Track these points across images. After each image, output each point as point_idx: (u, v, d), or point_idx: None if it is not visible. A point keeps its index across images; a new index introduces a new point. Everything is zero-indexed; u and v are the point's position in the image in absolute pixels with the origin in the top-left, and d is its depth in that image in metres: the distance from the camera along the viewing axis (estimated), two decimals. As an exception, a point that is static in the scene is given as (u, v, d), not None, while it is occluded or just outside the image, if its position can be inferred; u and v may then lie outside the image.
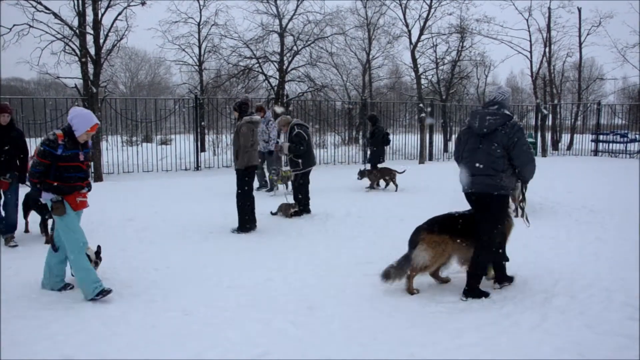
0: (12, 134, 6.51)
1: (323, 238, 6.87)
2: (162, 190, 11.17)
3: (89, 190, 4.81)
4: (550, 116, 23.39)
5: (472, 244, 4.59)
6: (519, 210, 6.67)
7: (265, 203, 8.90)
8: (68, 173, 4.56)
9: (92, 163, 14.39)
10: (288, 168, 9.67)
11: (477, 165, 4.44)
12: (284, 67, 16.91)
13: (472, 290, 4.50)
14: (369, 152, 12.80)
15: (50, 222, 6.52)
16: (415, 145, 19.02)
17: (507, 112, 4.43)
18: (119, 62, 35.89)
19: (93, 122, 4.57)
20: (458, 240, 4.64)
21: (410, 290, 4.64)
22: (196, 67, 21.37)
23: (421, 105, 19.10)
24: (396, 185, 10.83)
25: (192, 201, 9.46)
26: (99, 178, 13.21)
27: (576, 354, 3.47)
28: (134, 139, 20.27)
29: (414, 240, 4.70)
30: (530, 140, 20.72)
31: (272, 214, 8.36)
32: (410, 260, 4.58)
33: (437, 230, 4.65)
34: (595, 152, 20.21)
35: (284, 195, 8.99)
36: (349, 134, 22.86)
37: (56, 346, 3.62)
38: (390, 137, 12.41)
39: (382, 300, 4.50)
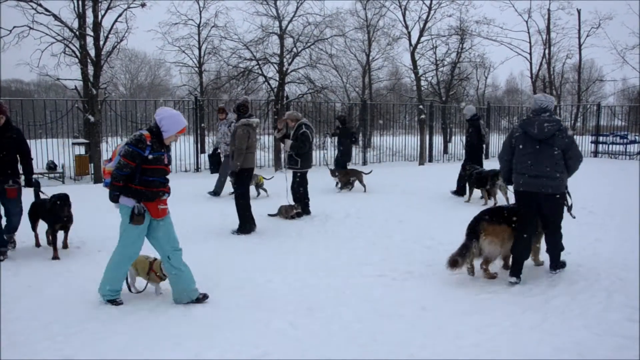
0: (7, 135, 5.90)
1: (322, 239, 6.87)
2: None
3: (169, 196, 4.48)
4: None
5: (518, 235, 5.02)
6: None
7: (264, 205, 8.90)
8: (152, 177, 4.25)
9: (91, 164, 14.42)
10: (261, 175, 9.61)
11: (546, 168, 4.87)
12: (284, 69, 16.92)
13: (559, 264, 5.23)
14: (337, 153, 12.84)
15: (60, 234, 6.14)
16: (415, 146, 19.03)
17: (558, 118, 4.92)
18: (119, 64, 35.90)
19: (183, 124, 4.35)
20: (513, 231, 5.04)
21: (492, 276, 5.08)
22: (196, 69, 21.41)
23: (421, 106, 19.11)
24: (364, 186, 10.79)
25: (192, 202, 9.46)
26: (98, 180, 13.21)
27: (576, 354, 3.48)
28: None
29: (475, 231, 5.04)
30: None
31: (270, 215, 8.35)
32: (469, 249, 4.97)
33: (498, 221, 5.06)
34: (595, 153, 20.22)
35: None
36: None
37: (56, 346, 3.62)
38: (359, 137, 12.45)
39: (382, 302, 4.50)
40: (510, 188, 5.45)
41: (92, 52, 14.15)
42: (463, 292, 4.72)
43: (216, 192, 10.33)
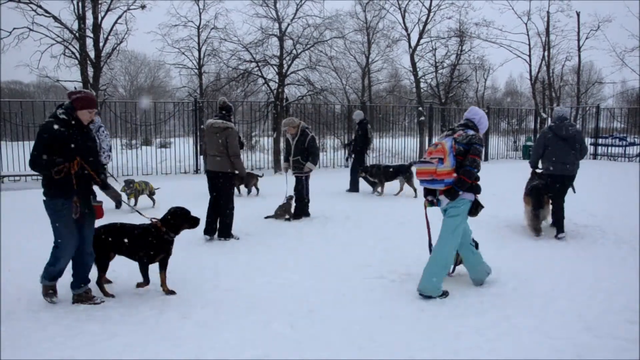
0: (92, 137, 4.59)
1: (322, 241, 6.86)
2: (161, 193, 11.16)
3: None
4: (549, 120, 23.40)
5: (557, 202, 7.04)
6: None
7: (260, 207, 8.90)
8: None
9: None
10: (142, 180, 9.26)
11: (570, 158, 6.90)
12: (284, 71, 16.93)
13: (563, 226, 6.94)
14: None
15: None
16: (414, 148, 19.04)
17: (574, 123, 6.87)
18: (119, 66, 35.92)
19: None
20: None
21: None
22: (196, 71, 21.39)
23: (420, 108, 19.12)
24: (257, 190, 10.80)
25: (191, 204, 9.41)
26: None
27: (575, 357, 3.48)
28: (134, 142, 20.27)
29: (540, 201, 7.08)
30: (529, 143, 20.81)
31: (267, 217, 8.34)
32: (539, 217, 7.06)
33: (546, 195, 7.16)
34: (594, 155, 20.24)
35: (132, 211, 7.39)
36: (348, 137, 22.85)
37: (56, 348, 3.61)
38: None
39: (381, 304, 4.50)
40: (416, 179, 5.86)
41: (92, 54, 14.19)
42: (462, 293, 4.71)
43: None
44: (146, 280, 4.71)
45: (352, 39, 24.58)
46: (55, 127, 4.18)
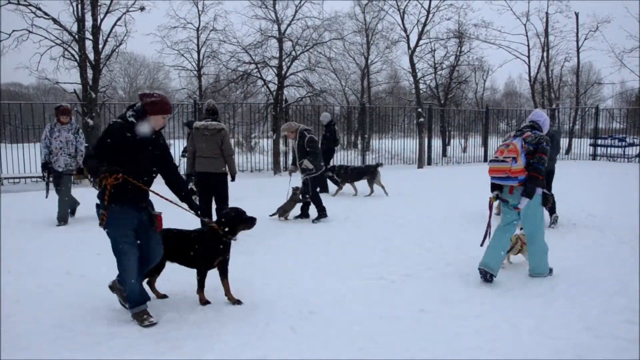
0: (160, 144, 4.21)
1: (322, 242, 6.86)
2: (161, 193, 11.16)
3: None
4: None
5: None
6: None
7: (260, 207, 8.90)
8: None
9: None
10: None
11: (552, 154, 7.37)
12: (283, 72, 16.95)
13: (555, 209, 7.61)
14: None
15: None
16: (413, 149, 19.06)
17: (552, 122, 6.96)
18: (118, 67, 35.96)
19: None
20: None
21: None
22: (195, 72, 21.42)
23: (419, 109, 19.14)
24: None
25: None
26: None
27: (575, 357, 3.47)
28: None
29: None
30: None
31: (271, 215, 8.36)
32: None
33: None
34: (594, 156, 20.26)
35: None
36: (347, 138, 22.89)
37: (56, 349, 3.60)
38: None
39: (381, 304, 4.50)
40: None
41: (91, 56, 14.19)
42: (462, 294, 4.71)
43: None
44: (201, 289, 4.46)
45: (351, 41, 24.67)
46: (123, 131, 3.85)
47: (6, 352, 3.56)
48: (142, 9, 15.13)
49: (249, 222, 4.55)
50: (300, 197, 8.35)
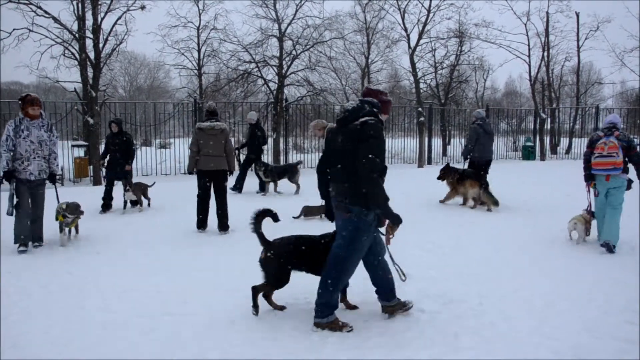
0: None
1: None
2: (161, 194, 11.17)
3: None
4: (549, 120, 23.44)
5: None
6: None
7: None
8: None
9: (91, 167, 14.41)
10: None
11: (492, 147, 9.89)
12: (283, 72, 16.94)
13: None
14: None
15: None
16: (414, 149, 19.04)
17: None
18: (119, 66, 35.93)
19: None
20: None
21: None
22: (195, 71, 21.38)
23: (420, 109, 19.14)
24: (148, 199, 9.29)
25: (191, 205, 9.44)
26: (97, 182, 13.21)
27: (575, 358, 3.48)
28: (133, 142, 20.25)
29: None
30: (528, 144, 20.82)
31: (295, 217, 8.33)
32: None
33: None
34: (594, 156, 20.23)
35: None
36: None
37: (56, 349, 3.61)
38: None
39: (379, 304, 4.49)
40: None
41: (92, 55, 14.17)
42: (462, 294, 4.71)
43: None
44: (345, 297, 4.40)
45: (351, 40, 24.63)
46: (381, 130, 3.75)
47: (6, 352, 3.57)
48: (142, 7, 15.12)
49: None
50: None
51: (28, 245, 6.38)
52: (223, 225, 7.42)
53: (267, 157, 17.28)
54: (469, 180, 9.21)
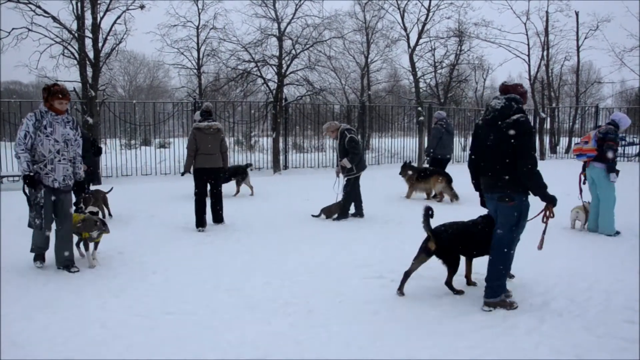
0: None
1: (322, 241, 6.87)
2: (161, 193, 11.17)
3: None
4: (549, 119, 23.43)
5: None
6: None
7: (260, 207, 8.91)
8: None
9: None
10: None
11: (452, 146, 9.95)
12: (283, 71, 16.92)
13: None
14: None
15: None
16: (413, 148, 19.04)
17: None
18: (118, 66, 35.91)
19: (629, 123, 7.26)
20: None
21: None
22: (195, 71, 21.35)
23: (419, 108, 19.13)
24: (108, 209, 8.47)
25: (191, 204, 9.45)
26: (97, 181, 13.19)
27: (575, 357, 3.48)
28: (133, 142, 20.26)
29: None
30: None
31: (314, 216, 8.41)
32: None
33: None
34: (593, 155, 20.22)
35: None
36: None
37: (56, 349, 3.61)
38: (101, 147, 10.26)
39: (381, 304, 4.50)
40: None
41: (91, 54, 14.15)
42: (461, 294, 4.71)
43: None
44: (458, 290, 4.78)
45: (351, 39, 24.57)
46: None
47: (5, 352, 3.56)
48: (141, 7, 15.08)
49: None
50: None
51: (45, 259, 5.56)
52: (219, 218, 7.91)
53: (267, 157, 17.28)
54: (434, 176, 10.04)
